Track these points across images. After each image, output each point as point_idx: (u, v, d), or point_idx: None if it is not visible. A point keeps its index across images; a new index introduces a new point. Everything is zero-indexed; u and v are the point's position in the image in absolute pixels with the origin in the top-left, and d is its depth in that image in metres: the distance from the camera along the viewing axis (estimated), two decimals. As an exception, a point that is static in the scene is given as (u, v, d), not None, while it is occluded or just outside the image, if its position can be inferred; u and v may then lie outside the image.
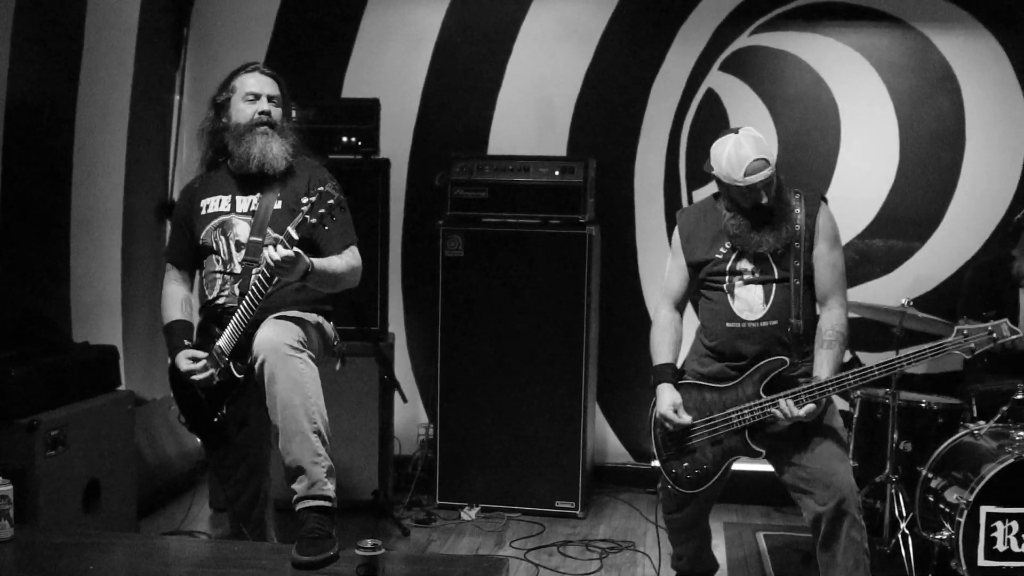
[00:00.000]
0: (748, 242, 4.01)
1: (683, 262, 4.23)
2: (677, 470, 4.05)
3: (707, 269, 4.14)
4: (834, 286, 4.06)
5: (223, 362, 3.78)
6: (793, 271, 4.01)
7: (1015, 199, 5.88)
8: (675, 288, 4.29)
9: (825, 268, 4.06)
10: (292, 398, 3.59)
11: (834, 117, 6.06)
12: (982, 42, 5.89)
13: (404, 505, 5.77)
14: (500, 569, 3.42)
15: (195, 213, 4.05)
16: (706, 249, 4.15)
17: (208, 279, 3.99)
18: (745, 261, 4.06)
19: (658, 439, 4.10)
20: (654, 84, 6.19)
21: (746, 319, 4.03)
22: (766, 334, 4.02)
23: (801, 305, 4.01)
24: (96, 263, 5.62)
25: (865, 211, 6.05)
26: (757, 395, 3.97)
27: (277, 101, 4.07)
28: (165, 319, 4.09)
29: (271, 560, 3.51)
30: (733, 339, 4.06)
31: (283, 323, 3.75)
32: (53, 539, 3.72)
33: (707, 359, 4.16)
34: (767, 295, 4.03)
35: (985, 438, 4.61)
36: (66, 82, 5.34)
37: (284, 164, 3.99)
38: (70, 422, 4.47)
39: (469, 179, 5.69)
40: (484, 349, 5.72)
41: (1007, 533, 4.30)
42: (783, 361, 3.97)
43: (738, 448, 4.00)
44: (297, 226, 3.63)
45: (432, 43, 6.31)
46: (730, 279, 4.08)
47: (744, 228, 4.02)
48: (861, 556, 3.81)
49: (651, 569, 4.88)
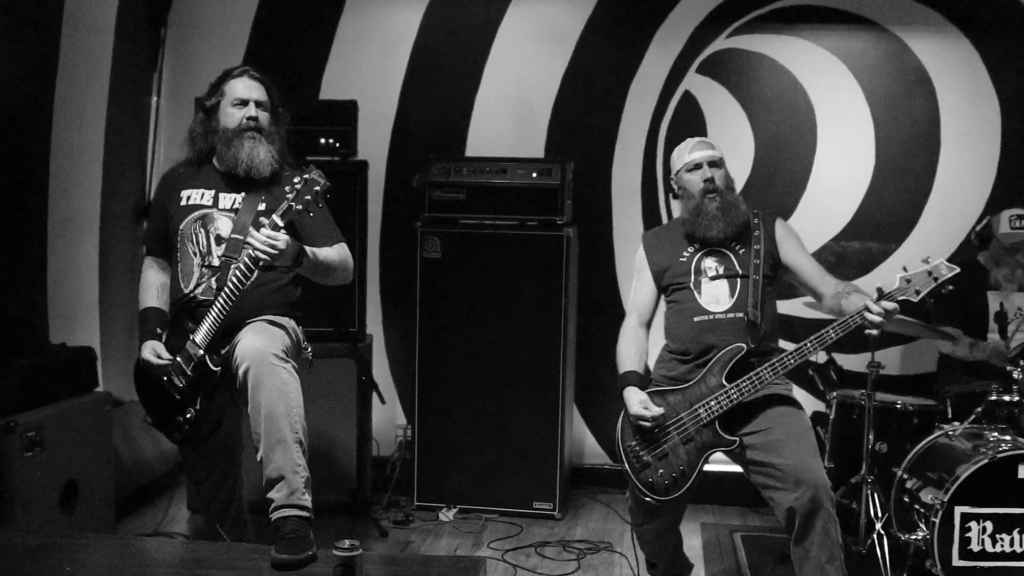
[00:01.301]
0: (698, 227, 4.21)
1: (648, 276, 4.37)
2: (653, 479, 4.03)
3: (672, 271, 4.27)
4: (821, 272, 4.25)
5: (197, 356, 3.77)
6: (753, 268, 4.16)
7: (989, 201, 5.92)
8: (642, 303, 4.38)
9: (804, 260, 4.29)
10: (277, 407, 3.59)
11: (810, 119, 6.08)
12: (957, 45, 5.93)
13: (382, 506, 5.77)
14: (477, 570, 3.44)
15: (174, 202, 4.04)
16: (670, 255, 4.31)
17: (184, 271, 3.97)
18: (709, 260, 4.23)
19: (628, 452, 4.09)
20: (631, 86, 6.20)
21: (713, 311, 4.15)
22: (733, 325, 4.11)
23: (760, 297, 4.12)
24: (73, 264, 5.60)
25: (841, 213, 6.08)
26: (720, 384, 4.01)
27: (266, 106, 4.06)
28: (140, 305, 4.12)
29: (249, 560, 3.52)
30: (701, 333, 4.13)
31: (268, 330, 3.76)
32: (29, 541, 3.71)
33: (673, 363, 4.22)
34: (732, 289, 4.17)
35: (960, 439, 4.65)
36: (42, 83, 5.33)
37: (270, 170, 3.98)
38: (47, 423, 4.46)
39: (447, 181, 5.69)
40: (462, 350, 5.72)
41: (981, 533, 4.34)
42: (741, 347, 4.04)
43: (711, 441, 4.01)
44: (283, 213, 3.64)
45: (410, 45, 6.30)
46: (696, 276, 4.21)
47: (694, 211, 4.23)
48: (835, 550, 3.82)
49: (628, 570, 4.89)
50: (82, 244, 5.68)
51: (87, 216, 5.72)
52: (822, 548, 3.80)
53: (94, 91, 5.72)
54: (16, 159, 5.16)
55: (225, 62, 6.13)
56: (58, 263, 5.43)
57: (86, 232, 5.71)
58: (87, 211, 5.71)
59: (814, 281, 4.23)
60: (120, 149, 5.94)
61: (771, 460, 3.91)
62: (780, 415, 4.02)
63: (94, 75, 5.71)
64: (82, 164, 5.66)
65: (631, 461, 4.07)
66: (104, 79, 5.76)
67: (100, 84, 5.75)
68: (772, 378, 3.96)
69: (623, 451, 4.10)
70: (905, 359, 6.04)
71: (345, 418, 5.59)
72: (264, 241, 3.60)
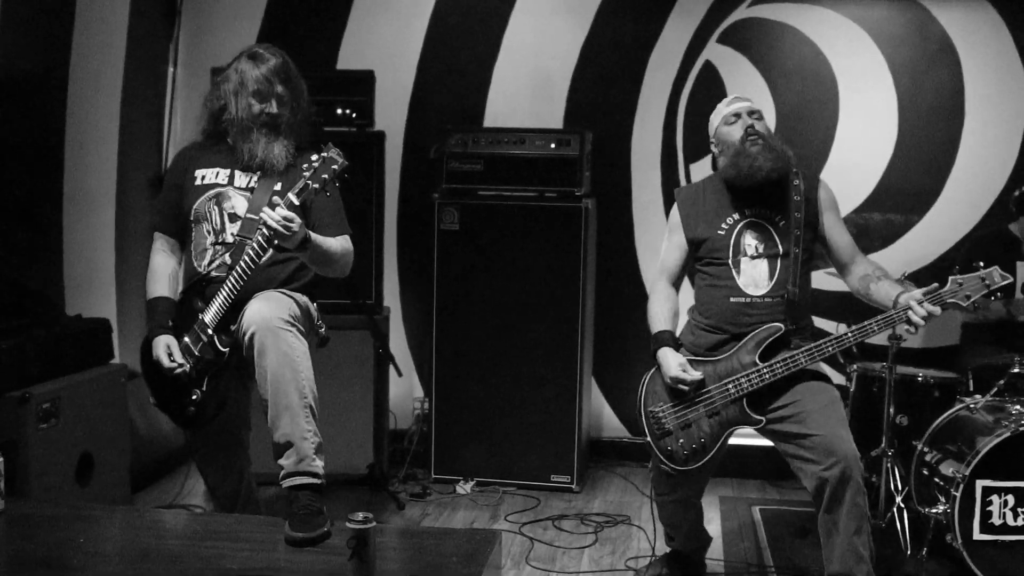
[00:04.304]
0: (740, 167, 4.09)
1: (682, 239, 4.25)
2: (673, 447, 4.00)
3: (708, 245, 4.16)
4: (853, 249, 4.19)
5: (207, 336, 3.74)
6: (794, 241, 4.05)
7: (1014, 172, 5.86)
8: (672, 265, 4.29)
9: (840, 236, 4.20)
10: (283, 371, 3.54)
11: (833, 90, 6.02)
12: (982, 13, 5.85)
13: (399, 479, 5.77)
14: (492, 542, 3.41)
15: (189, 182, 3.99)
16: (708, 225, 4.19)
17: (198, 250, 3.94)
18: (749, 235, 4.13)
19: (650, 417, 4.04)
20: (651, 56, 6.15)
21: (752, 294, 4.07)
22: (770, 308, 4.05)
23: (799, 275, 4.05)
24: (89, 236, 5.59)
25: (863, 184, 6.02)
26: (753, 363, 3.96)
27: (284, 99, 3.94)
28: (149, 294, 4.02)
29: (264, 533, 3.51)
30: (737, 314, 4.07)
31: (275, 297, 3.71)
32: (45, 512, 3.71)
33: (704, 334, 4.16)
34: (772, 270, 4.08)
35: (981, 412, 4.60)
36: (58, 54, 5.30)
37: (284, 164, 3.92)
38: (62, 395, 4.45)
39: (464, 152, 5.66)
40: (480, 322, 5.70)
41: (1003, 507, 4.29)
42: (778, 327, 3.99)
43: (736, 418, 3.98)
44: (299, 191, 3.59)
45: (428, 15, 6.26)
46: (735, 255, 4.11)
47: (734, 156, 4.12)
48: (863, 523, 3.80)
49: (646, 543, 4.87)
50: (98, 215, 5.67)
51: (103, 187, 5.70)
52: (851, 519, 3.78)
53: (110, 62, 5.70)
54: (32, 130, 5.13)
55: (242, 32, 6.18)
56: (74, 235, 5.42)
57: (102, 203, 5.69)
58: (103, 182, 5.70)
59: (845, 258, 4.18)
60: (136, 120, 5.91)
61: (802, 431, 3.88)
62: (809, 389, 3.97)
63: (110, 46, 5.69)
64: (98, 135, 5.64)
65: (652, 427, 4.03)
66: (120, 50, 5.74)
67: (116, 55, 5.72)
68: (807, 364, 3.92)
69: (645, 416, 4.05)
70: (927, 332, 5.99)
71: (362, 391, 5.58)
72: (279, 220, 3.53)
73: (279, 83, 3.93)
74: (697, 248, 4.21)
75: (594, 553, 4.83)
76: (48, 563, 3.22)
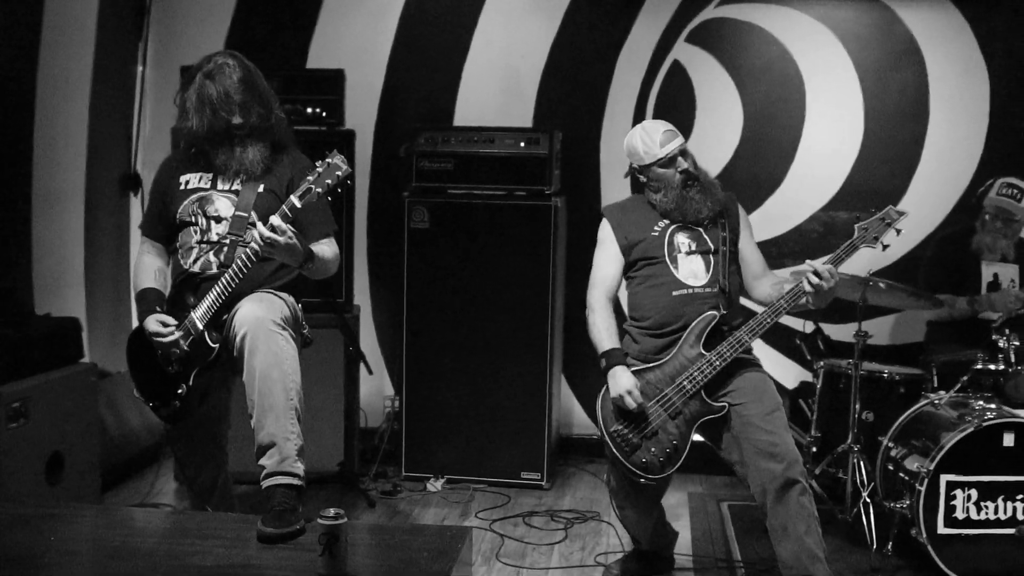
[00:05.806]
0: (687, 212, 4.24)
1: (615, 249, 4.35)
2: (646, 458, 4.02)
3: (643, 247, 4.27)
4: (764, 266, 4.36)
5: (197, 331, 3.76)
6: (721, 240, 4.22)
7: (977, 172, 5.91)
8: (609, 278, 4.35)
9: (754, 250, 4.37)
10: (271, 372, 3.57)
11: (799, 89, 6.07)
12: (946, 15, 5.92)
13: (370, 477, 5.78)
14: (463, 539, 3.43)
15: (174, 188, 4.00)
16: (640, 229, 4.31)
17: (184, 249, 3.95)
18: (680, 236, 4.26)
19: (615, 437, 4.04)
20: (620, 55, 6.18)
21: (692, 285, 4.17)
22: (711, 298, 4.15)
23: (729, 271, 4.19)
24: (59, 235, 5.57)
25: (830, 183, 6.08)
26: (700, 354, 4.04)
27: (249, 105, 3.89)
28: (137, 287, 4.05)
29: (235, 530, 3.50)
30: (681, 306, 4.16)
31: (267, 299, 3.75)
32: (14, 511, 3.69)
33: (646, 339, 4.23)
34: (707, 264, 4.21)
35: (945, 408, 4.66)
36: (26, 53, 5.28)
37: (261, 168, 3.92)
38: (32, 394, 4.44)
39: (434, 150, 5.67)
40: (450, 320, 5.71)
41: (966, 501, 4.35)
42: (713, 315, 4.09)
43: (700, 411, 4.03)
44: (302, 194, 3.61)
45: (398, 14, 6.26)
46: (671, 252, 4.22)
47: (678, 200, 4.23)
48: (812, 522, 3.85)
49: (616, 539, 4.90)
50: (67, 214, 5.65)
51: (72, 187, 5.68)
52: (799, 520, 3.83)
53: (78, 60, 5.68)
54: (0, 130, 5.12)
55: (212, 31, 6.16)
56: (43, 234, 5.41)
57: (71, 203, 5.68)
58: (72, 181, 5.68)
59: (758, 270, 4.33)
60: (105, 119, 5.90)
61: (744, 435, 3.96)
62: (753, 389, 4.06)
63: (78, 44, 5.66)
64: (67, 134, 5.62)
65: (620, 446, 4.04)
66: (89, 48, 5.72)
67: (85, 53, 5.70)
68: (749, 339, 4.01)
69: (609, 437, 4.06)
70: (892, 329, 6.05)
71: (333, 389, 5.58)
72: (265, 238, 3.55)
73: (238, 93, 3.87)
74: (631, 252, 4.29)
75: (564, 549, 4.86)
76: (19, 562, 3.20)
